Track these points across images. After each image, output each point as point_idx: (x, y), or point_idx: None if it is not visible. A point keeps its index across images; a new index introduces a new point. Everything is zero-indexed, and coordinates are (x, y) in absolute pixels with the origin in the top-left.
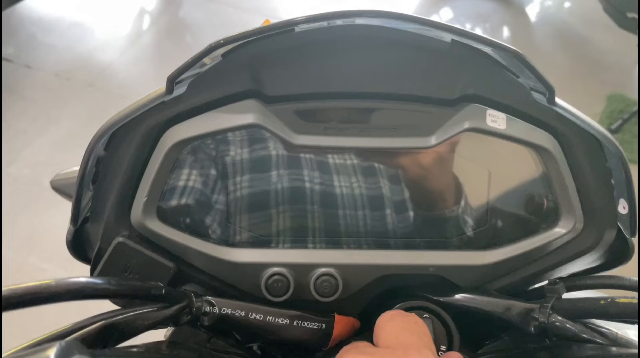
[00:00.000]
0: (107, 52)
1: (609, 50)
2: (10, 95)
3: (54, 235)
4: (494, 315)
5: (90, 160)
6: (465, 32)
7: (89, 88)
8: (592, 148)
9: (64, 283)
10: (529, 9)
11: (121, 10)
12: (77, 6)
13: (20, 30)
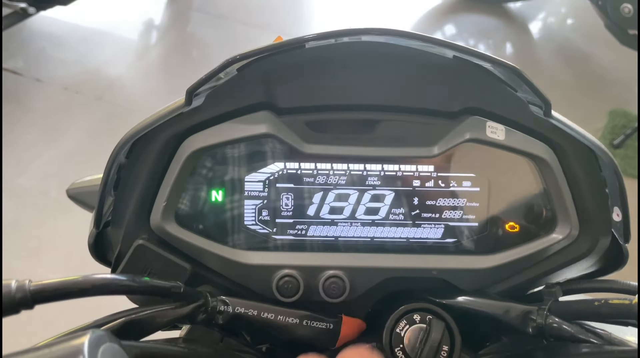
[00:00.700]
0: (115, 67)
1: (611, 66)
2: (20, 107)
3: (62, 246)
4: (493, 316)
5: (113, 168)
6: (466, 48)
7: (97, 101)
8: (587, 158)
9: (90, 279)
10: (532, 26)
11: (130, 25)
12: (87, 22)
13: (30, 45)
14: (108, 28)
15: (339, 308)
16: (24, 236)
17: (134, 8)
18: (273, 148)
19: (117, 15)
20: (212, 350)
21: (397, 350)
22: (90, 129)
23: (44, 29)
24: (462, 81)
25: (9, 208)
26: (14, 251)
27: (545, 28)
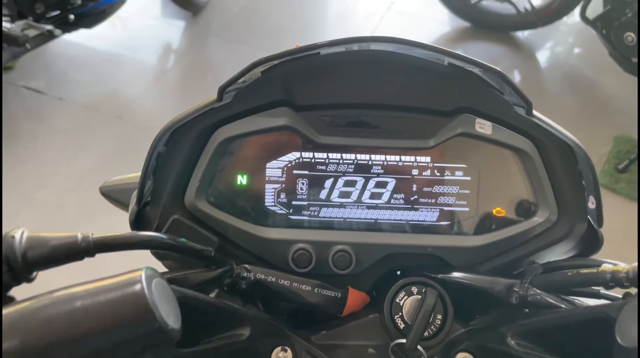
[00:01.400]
0: (134, 87)
1: (616, 93)
2: (42, 125)
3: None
4: (482, 290)
5: (153, 155)
6: (459, 55)
7: (116, 120)
8: (565, 153)
9: (140, 235)
10: (539, 54)
11: (148, 49)
12: (107, 45)
13: (53, 66)
14: (127, 51)
15: (346, 281)
16: None
17: (153, 33)
18: (291, 139)
19: (136, 40)
20: (239, 307)
21: (396, 317)
22: (109, 146)
23: (66, 51)
24: (455, 85)
25: (28, 221)
26: None
27: (551, 56)
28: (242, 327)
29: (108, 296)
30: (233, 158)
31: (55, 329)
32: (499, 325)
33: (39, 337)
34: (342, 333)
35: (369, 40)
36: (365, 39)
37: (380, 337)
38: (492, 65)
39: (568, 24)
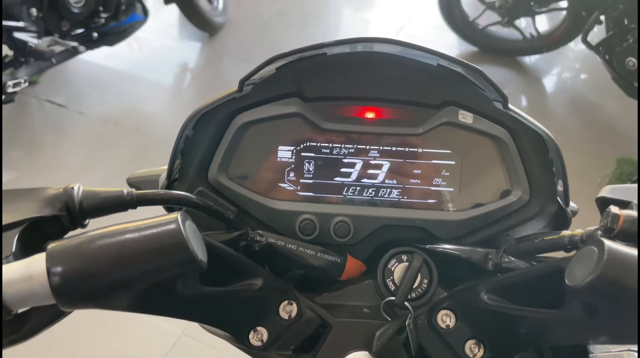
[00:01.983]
0: (151, 103)
1: (620, 117)
2: (63, 137)
3: None
4: (462, 258)
5: (182, 138)
6: (447, 56)
7: (134, 133)
8: (537, 142)
9: (174, 193)
10: (544, 78)
11: (166, 68)
12: (126, 64)
13: (75, 82)
14: (145, 70)
15: (345, 250)
16: None
17: (171, 52)
18: (300, 125)
19: (154, 59)
20: (253, 262)
21: (388, 280)
22: (126, 157)
23: (87, 68)
24: (442, 82)
25: None
26: None
27: (557, 81)
28: (255, 278)
29: (151, 231)
30: (250, 140)
31: (109, 255)
32: (475, 285)
33: (96, 260)
34: (341, 295)
35: (371, 41)
36: (367, 39)
37: (374, 299)
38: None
39: (575, 50)
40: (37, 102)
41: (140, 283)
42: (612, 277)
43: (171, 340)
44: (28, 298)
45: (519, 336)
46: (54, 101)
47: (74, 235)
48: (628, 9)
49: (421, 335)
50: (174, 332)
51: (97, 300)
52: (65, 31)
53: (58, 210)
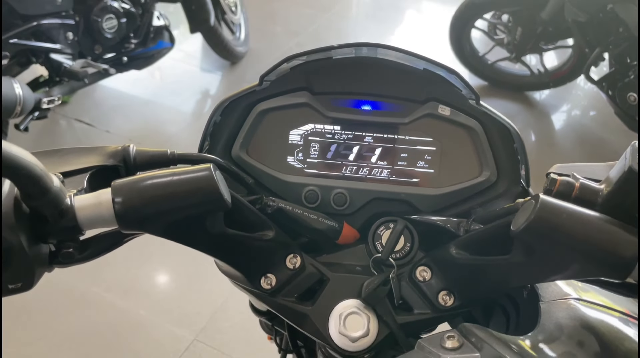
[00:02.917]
0: (173, 125)
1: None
2: None
3: (114, 269)
4: (439, 226)
5: (211, 123)
6: (432, 61)
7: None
8: (504, 133)
9: (208, 156)
10: (553, 113)
11: (188, 92)
12: (152, 87)
13: (103, 103)
14: (169, 94)
15: (343, 219)
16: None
17: (194, 79)
18: (308, 113)
19: (178, 84)
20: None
21: (377, 243)
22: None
23: (114, 91)
24: (427, 82)
25: None
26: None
27: (564, 115)
28: (268, 231)
29: (190, 174)
30: (267, 125)
31: (158, 191)
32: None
33: (148, 194)
34: (337, 256)
35: (374, 46)
36: (369, 44)
37: (365, 259)
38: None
39: (582, 87)
40: (67, 120)
41: (179, 213)
42: (543, 219)
43: (183, 344)
44: (96, 220)
45: (481, 283)
46: (82, 120)
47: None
48: (629, 47)
49: (402, 287)
50: (187, 337)
51: (146, 224)
52: (97, 54)
53: (118, 162)
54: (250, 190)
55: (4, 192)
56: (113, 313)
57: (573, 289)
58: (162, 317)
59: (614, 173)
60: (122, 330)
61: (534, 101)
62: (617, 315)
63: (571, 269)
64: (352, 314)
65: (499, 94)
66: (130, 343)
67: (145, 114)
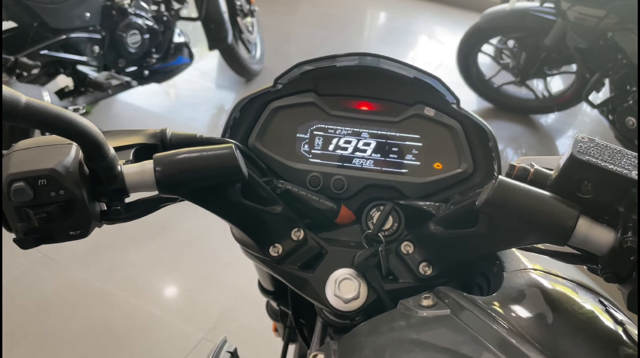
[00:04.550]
0: None
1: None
2: None
3: (129, 270)
4: (423, 209)
5: (231, 118)
6: (421, 71)
7: None
8: (480, 133)
9: (230, 140)
10: (556, 136)
11: (204, 107)
12: (170, 101)
13: (123, 114)
14: (186, 108)
15: (341, 202)
16: (101, 260)
17: (210, 94)
18: (314, 111)
19: (195, 99)
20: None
21: (369, 222)
22: None
23: (134, 103)
24: (416, 88)
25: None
26: (91, 270)
27: (568, 139)
28: (277, 206)
29: (216, 151)
30: (279, 120)
31: (190, 163)
32: (428, 224)
33: (182, 165)
34: (335, 233)
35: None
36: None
37: (359, 237)
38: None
39: (590, 114)
40: None
41: (205, 181)
42: (499, 196)
43: (192, 342)
44: (140, 185)
45: (455, 253)
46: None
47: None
48: (628, 74)
49: (390, 260)
50: (196, 335)
51: (179, 189)
52: (121, 67)
53: (156, 141)
54: (263, 173)
55: (72, 155)
56: (126, 310)
57: (533, 263)
58: (173, 316)
59: (561, 161)
60: (134, 327)
61: (539, 124)
62: (569, 283)
63: (524, 237)
64: (345, 280)
65: (504, 117)
66: (142, 339)
67: (163, 124)
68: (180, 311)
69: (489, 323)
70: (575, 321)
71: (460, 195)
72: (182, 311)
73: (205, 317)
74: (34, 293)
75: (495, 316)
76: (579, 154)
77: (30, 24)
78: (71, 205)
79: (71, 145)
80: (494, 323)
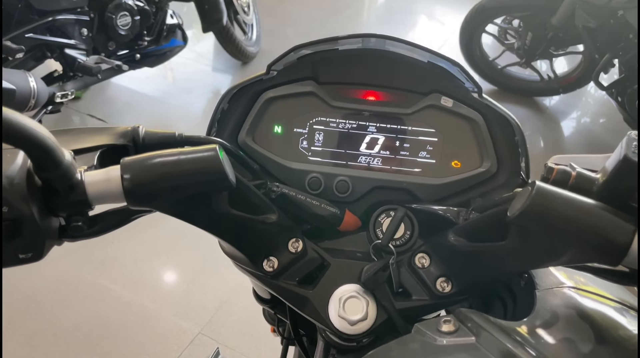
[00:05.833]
0: (184, 122)
1: None
2: None
3: (122, 263)
4: (439, 215)
5: (219, 109)
6: (436, 54)
7: None
8: (505, 125)
9: (216, 139)
10: (561, 119)
11: (200, 91)
12: (164, 85)
13: (115, 99)
14: (181, 92)
15: (345, 206)
16: (93, 253)
17: (205, 78)
18: (313, 102)
19: (190, 83)
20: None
21: (377, 230)
22: None
23: (127, 88)
24: (431, 74)
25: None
26: (83, 263)
27: (573, 121)
28: (271, 214)
29: (197, 154)
30: (273, 113)
31: (165, 168)
32: (447, 233)
33: (155, 171)
34: (339, 242)
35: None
36: (377, 35)
37: (366, 246)
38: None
39: (592, 94)
40: (79, 116)
41: (185, 191)
42: (538, 205)
43: (188, 337)
44: (105, 196)
45: (478, 269)
46: (95, 116)
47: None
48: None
49: (402, 273)
50: (192, 330)
51: (153, 201)
52: (111, 51)
53: (127, 141)
54: (255, 175)
55: (18, 163)
56: (120, 305)
57: (569, 278)
58: (168, 310)
59: (610, 163)
60: (128, 321)
61: (543, 106)
62: (613, 303)
63: (565, 254)
64: (351, 298)
65: (508, 99)
66: (136, 335)
67: (157, 111)
68: (175, 305)
69: (521, 356)
70: (627, 354)
71: (481, 198)
72: (178, 305)
73: (202, 310)
74: (23, 288)
75: (530, 348)
76: (633, 155)
77: (14, 5)
78: (19, 224)
79: (17, 151)
80: (528, 356)
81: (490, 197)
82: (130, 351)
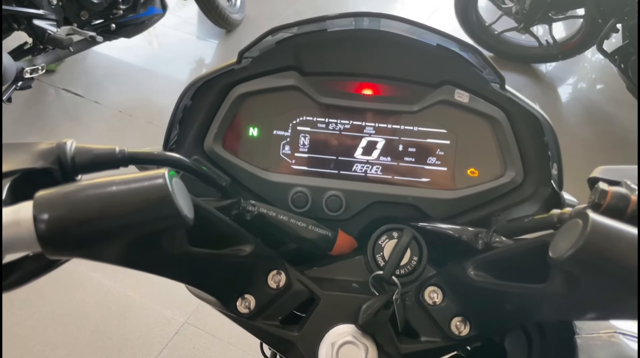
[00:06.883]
0: (166, 96)
1: (633, 126)
2: (79, 125)
3: None
4: (453, 237)
5: (180, 107)
6: (447, 36)
7: (148, 124)
8: (533, 124)
9: (168, 155)
10: (560, 87)
11: (182, 61)
12: (144, 56)
13: (92, 73)
14: (162, 63)
15: (337, 226)
16: None
17: (188, 47)
18: (296, 98)
19: (171, 53)
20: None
21: (377, 256)
22: (140, 147)
23: (104, 60)
24: (441, 61)
25: None
26: None
27: (572, 89)
28: (244, 245)
29: (138, 184)
30: (247, 111)
31: (95, 204)
32: (463, 262)
33: (82, 209)
34: (331, 269)
35: (374, 16)
36: (372, 14)
37: (363, 275)
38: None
39: (591, 60)
40: (54, 90)
41: (125, 234)
42: (595, 248)
43: (174, 327)
44: (15, 243)
45: (504, 313)
46: (70, 90)
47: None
48: None
49: (408, 310)
50: (177, 320)
51: (82, 249)
52: (84, 21)
53: (50, 163)
54: (225, 193)
55: None
56: (101, 294)
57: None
58: (151, 299)
59: None
60: (109, 312)
61: (540, 73)
62: None
63: (625, 309)
64: (346, 344)
65: (505, 66)
66: (118, 325)
67: (138, 83)
68: (158, 294)
69: None
70: None
71: (504, 213)
72: (161, 294)
73: (187, 299)
74: None
75: None
76: None
77: None
78: None
79: None
80: None
81: (514, 212)
82: (112, 343)
